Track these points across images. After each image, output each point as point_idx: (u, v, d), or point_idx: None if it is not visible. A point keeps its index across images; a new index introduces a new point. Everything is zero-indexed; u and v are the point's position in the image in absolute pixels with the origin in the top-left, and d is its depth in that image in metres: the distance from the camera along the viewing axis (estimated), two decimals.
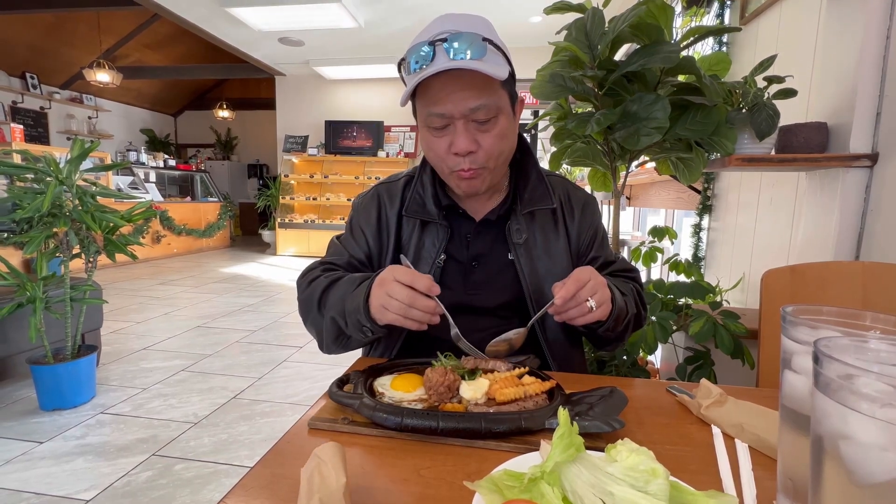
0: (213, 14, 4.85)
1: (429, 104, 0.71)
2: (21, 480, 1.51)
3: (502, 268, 0.82)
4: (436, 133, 0.73)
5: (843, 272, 0.89)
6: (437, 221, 0.82)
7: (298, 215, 6.94)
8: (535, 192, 0.83)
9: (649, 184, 2.72)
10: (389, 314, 0.64)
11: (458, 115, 0.70)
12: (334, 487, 0.37)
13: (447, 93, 0.69)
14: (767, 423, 0.51)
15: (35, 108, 6.86)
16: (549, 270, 0.81)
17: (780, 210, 1.59)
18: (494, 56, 0.69)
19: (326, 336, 0.77)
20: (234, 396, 2.17)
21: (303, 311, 0.81)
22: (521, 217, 0.82)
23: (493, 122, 0.71)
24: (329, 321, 0.74)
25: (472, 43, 0.66)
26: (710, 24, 2.05)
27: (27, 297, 1.84)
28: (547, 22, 4.86)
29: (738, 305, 1.76)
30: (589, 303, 0.65)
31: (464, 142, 0.70)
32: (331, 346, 0.78)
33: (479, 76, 0.67)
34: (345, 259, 0.85)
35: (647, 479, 0.34)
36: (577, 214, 0.87)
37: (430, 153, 0.77)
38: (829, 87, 1.21)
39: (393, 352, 0.82)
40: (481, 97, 0.68)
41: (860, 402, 0.26)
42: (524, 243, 0.81)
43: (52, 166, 1.87)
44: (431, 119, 0.71)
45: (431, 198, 0.82)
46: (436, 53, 0.67)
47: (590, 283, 0.66)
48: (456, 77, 0.67)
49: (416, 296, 0.62)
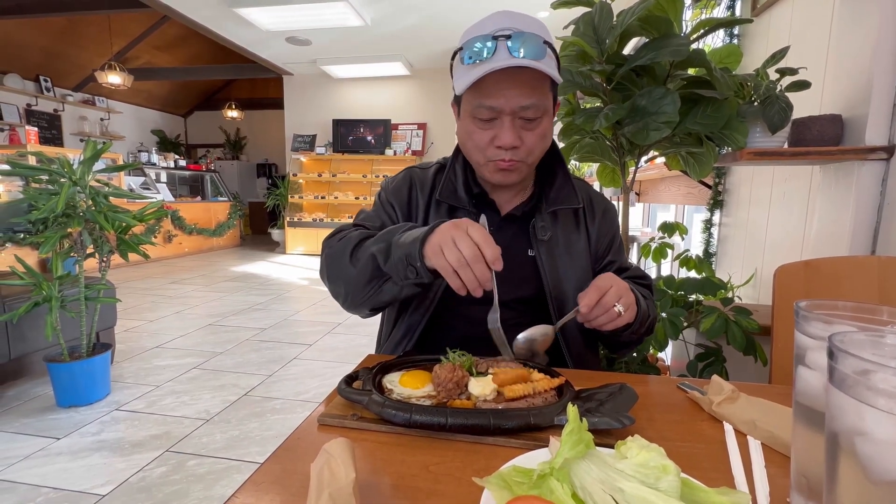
0: (221, 15, 4.89)
1: (481, 96, 0.72)
2: (40, 476, 1.54)
3: (522, 263, 0.83)
4: (481, 124, 0.74)
5: (859, 267, 0.87)
6: (467, 208, 0.83)
7: (307, 214, 6.98)
8: (562, 192, 0.85)
9: (659, 179, 2.69)
10: (442, 259, 0.60)
11: (507, 111, 0.71)
12: (344, 483, 0.37)
13: (502, 88, 0.70)
14: (781, 420, 0.50)
15: (49, 110, 6.98)
16: (569, 269, 0.83)
17: (794, 204, 1.56)
18: (550, 60, 0.71)
19: (358, 279, 0.72)
20: (245, 394, 2.19)
21: (330, 265, 0.77)
22: (546, 215, 0.84)
23: (538, 122, 0.73)
24: (367, 259, 0.71)
25: (535, 44, 0.68)
26: (720, 16, 2.01)
27: (43, 296, 1.88)
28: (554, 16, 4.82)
29: (751, 302, 1.73)
30: (617, 307, 0.66)
31: (510, 137, 0.72)
32: (357, 293, 0.74)
33: (533, 76, 0.69)
34: (377, 225, 0.83)
35: (658, 475, 0.34)
36: (599, 218, 0.89)
37: (468, 142, 0.78)
38: (844, 78, 1.18)
39: (411, 339, 0.82)
40: (533, 96, 0.71)
41: (877, 397, 0.25)
42: (548, 241, 0.83)
43: (66, 168, 1.90)
44: (480, 110, 0.73)
45: (462, 185, 0.83)
46: (497, 48, 0.68)
47: (612, 289, 0.67)
48: (512, 74, 0.69)
49: (480, 258, 0.59)
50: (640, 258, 1.92)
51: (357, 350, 2.86)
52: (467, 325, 0.80)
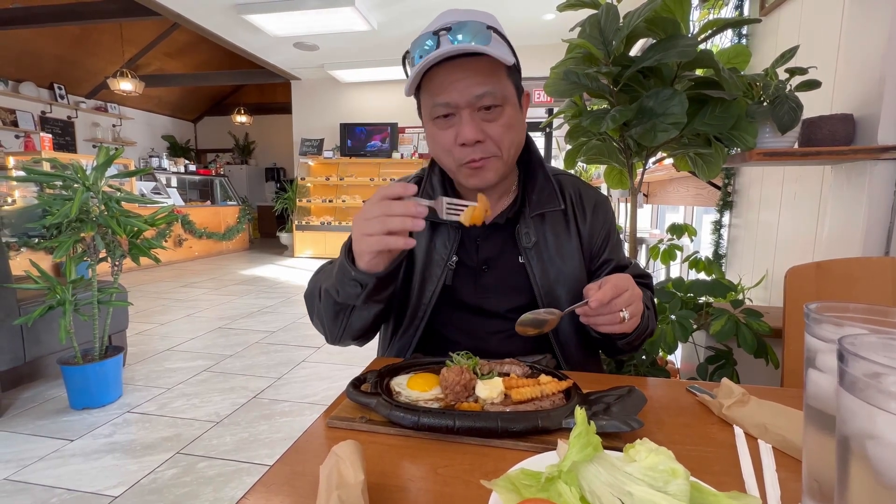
0: (230, 21, 4.95)
1: (433, 94, 0.70)
2: (54, 477, 1.56)
3: (513, 271, 0.80)
4: (441, 124, 0.72)
5: (872, 268, 0.86)
6: (447, 222, 0.79)
7: (315, 217, 7.03)
8: (543, 194, 0.81)
9: (667, 180, 2.67)
10: (369, 239, 0.59)
11: (463, 104, 0.68)
12: (352, 485, 0.37)
13: (451, 80, 0.67)
14: (792, 424, 0.49)
15: (62, 117, 7.12)
16: (561, 272, 0.79)
17: (805, 205, 1.54)
18: (499, 45, 0.67)
19: (326, 318, 0.74)
20: (255, 396, 2.21)
21: (309, 307, 0.80)
22: (529, 220, 0.80)
23: (499, 111, 0.70)
24: (324, 297, 0.72)
25: (476, 32, 0.65)
26: (728, 17, 2.00)
27: (57, 299, 1.91)
28: (560, 19, 4.81)
29: (762, 303, 1.71)
30: (623, 313, 0.63)
31: (470, 130, 0.68)
32: (332, 329, 0.75)
33: (483, 63, 0.67)
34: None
35: (667, 479, 0.34)
36: (589, 214, 0.84)
37: (436, 147, 0.75)
38: (855, 77, 1.17)
39: (408, 353, 0.80)
40: (487, 83, 0.67)
41: (888, 401, 0.25)
42: (534, 247, 0.79)
43: (80, 173, 1.93)
44: (436, 109, 0.70)
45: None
46: (440, 44, 0.66)
47: (627, 293, 0.64)
48: (460, 66, 0.67)
49: (390, 204, 0.58)
50: (649, 260, 1.90)
51: (364, 353, 2.86)
52: (457, 347, 0.77)
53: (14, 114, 6.40)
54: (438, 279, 0.79)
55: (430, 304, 0.78)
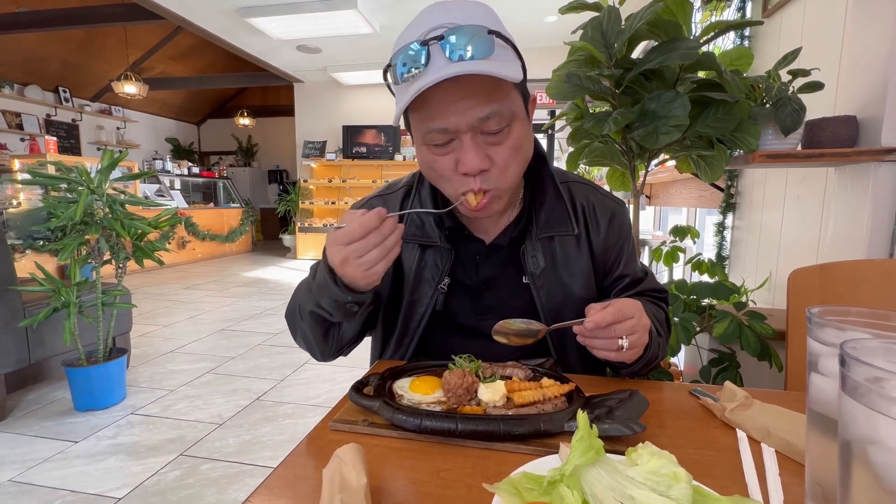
0: (233, 25, 4.98)
1: (427, 119, 0.58)
2: (58, 478, 1.57)
3: (516, 291, 0.73)
4: (438, 151, 0.60)
5: (877, 271, 0.86)
6: (439, 245, 0.72)
7: (318, 219, 7.05)
8: (554, 213, 0.72)
9: (670, 182, 2.67)
10: (373, 271, 0.57)
11: (464, 128, 0.57)
12: (355, 488, 0.38)
13: (449, 103, 0.56)
14: (796, 427, 0.49)
15: (67, 120, 7.17)
16: (569, 292, 0.73)
17: (808, 207, 1.54)
18: (503, 51, 0.56)
19: (315, 338, 0.70)
20: (258, 398, 2.21)
21: (291, 327, 0.75)
22: (537, 241, 0.71)
23: (506, 132, 0.59)
24: (309, 319, 0.67)
25: (474, 38, 0.53)
26: (730, 19, 2.00)
27: (62, 301, 1.92)
28: (562, 21, 4.82)
29: (765, 306, 1.71)
30: (622, 341, 0.57)
31: (474, 159, 0.58)
32: (324, 347, 0.72)
33: (487, 79, 0.54)
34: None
35: (669, 483, 0.34)
36: (604, 227, 0.75)
37: (431, 174, 0.64)
38: (858, 79, 1.17)
39: (406, 355, 0.77)
40: (491, 103, 0.56)
41: (890, 406, 0.25)
42: (542, 273, 0.72)
43: (84, 176, 1.95)
44: (431, 136, 0.59)
45: (433, 217, 0.72)
46: (430, 56, 0.53)
47: (631, 321, 0.57)
48: (458, 83, 0.54)
49: (381, 232, 0.55)
50: (652, 262, 1.90)
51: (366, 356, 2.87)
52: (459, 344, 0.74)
53: (19, 117, 6.45)
54: (428, 303, 0.73)
55: (420, 327, 0.74)
